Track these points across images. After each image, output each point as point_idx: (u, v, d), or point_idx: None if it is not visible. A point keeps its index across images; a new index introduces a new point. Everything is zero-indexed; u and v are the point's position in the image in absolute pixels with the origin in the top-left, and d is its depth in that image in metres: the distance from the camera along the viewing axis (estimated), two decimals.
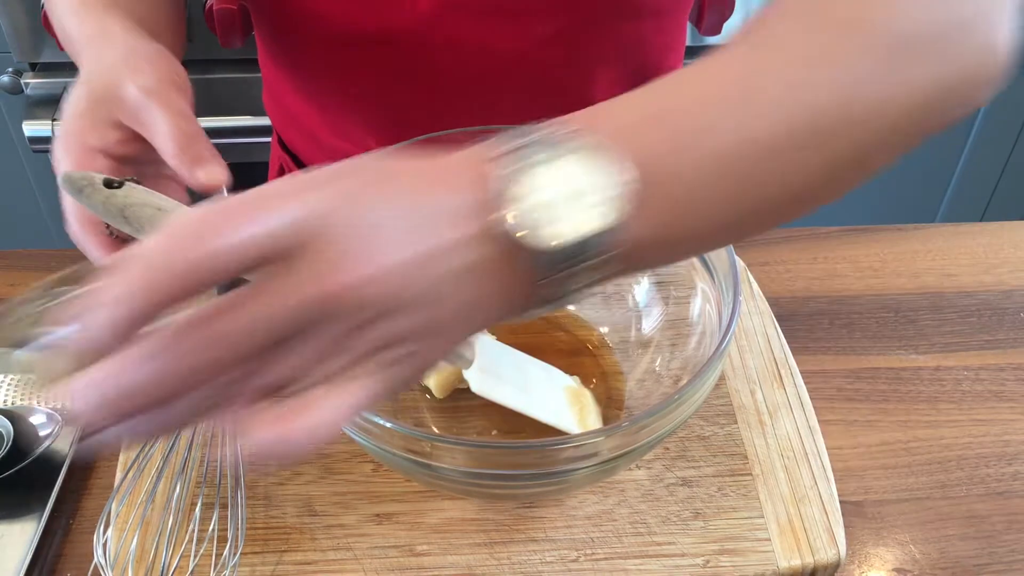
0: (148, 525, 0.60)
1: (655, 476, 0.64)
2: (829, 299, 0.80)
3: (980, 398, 0.72)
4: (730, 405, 0.68)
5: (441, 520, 0.61)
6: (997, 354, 0.75)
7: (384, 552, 0.59)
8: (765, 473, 0.64)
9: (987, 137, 1.60)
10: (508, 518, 0.61)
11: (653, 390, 0.67)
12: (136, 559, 0.58)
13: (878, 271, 0.83)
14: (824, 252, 0.85)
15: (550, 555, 0.60)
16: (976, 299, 0.80)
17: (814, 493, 0.63)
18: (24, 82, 1.36)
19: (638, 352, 0.70)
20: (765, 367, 0.70)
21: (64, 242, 1.74)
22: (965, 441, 0.69)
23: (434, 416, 0.67)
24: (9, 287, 0.80)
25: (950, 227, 0.87)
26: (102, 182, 0.50)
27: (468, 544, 0.60)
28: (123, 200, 0.50)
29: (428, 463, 0.54)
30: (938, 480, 0.67)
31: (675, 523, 0.61)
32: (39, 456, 0.66)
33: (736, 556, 0.59)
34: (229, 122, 1.34)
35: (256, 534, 0.60)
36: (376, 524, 0.61)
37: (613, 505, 0.62)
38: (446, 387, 0.66)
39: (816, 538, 0.60)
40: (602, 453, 0.54)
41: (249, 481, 0.63)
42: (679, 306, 0.69)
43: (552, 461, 0.54)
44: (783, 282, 0.82)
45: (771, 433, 0.66)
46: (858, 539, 0.63)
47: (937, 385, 0.73)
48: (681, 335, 0.68)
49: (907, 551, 0.63)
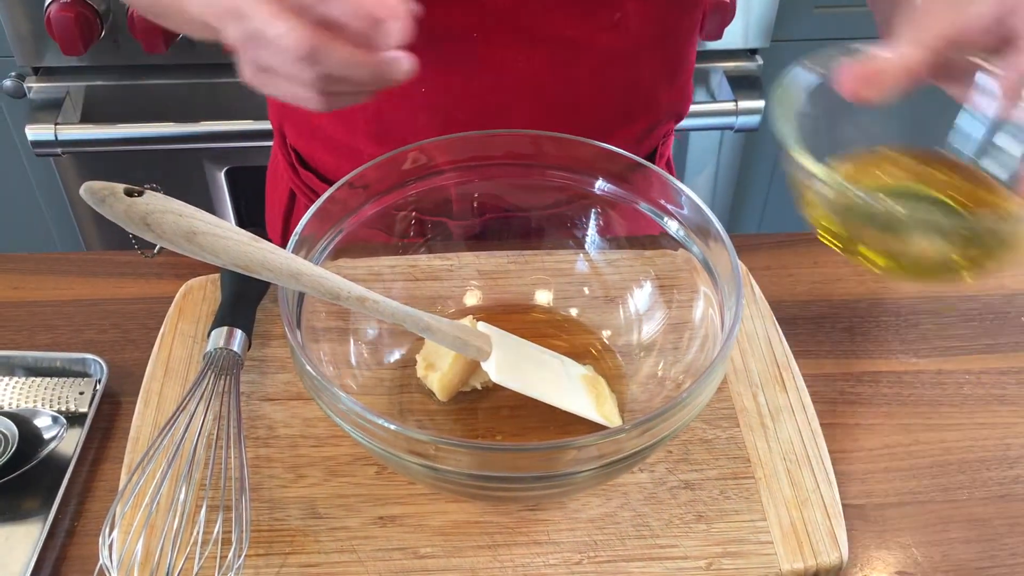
0: (153, 528, 0.60)
1: (658, 479, 0.64)
2: (831, 303, 0.81)
3: (982, 402, 0.72)
4: (732, 408, 0.68)
5: (445, 523, 0.61)
6: (998, 358, 0.76)
7: (388, 554, 0.60)
8: (767, 476, 0.64)
9: None
10: (511, 521, 0.62)
11: (656, 393, 0.67)
12: (141, 561, 0.58)
13: (879, 275, 0.83)
14: (826, 256, 0.85)
15: (553, 558, 0.60)
16: (978, 303, 0.80)
17: (816, 496, 0.63)
18: (27, 86, 1.36)
19: (640, 356, 0.70)
20: (767, 370, 0.71)
21: (66, 246, 1.75)
22: (967, 444, 0.69)
23: (438, 419, 0.67)
24: (12, 290, 0.80)
25: None
26: (123, 191, 0.50)
27: (472, 547, 0.60)
28: (144, 208, 0.50)
29: (432, 465, 0.54)
30: (940, 483, 0.67)
31: (678, 526, 0.61)
32: (44, 458, 0.66)
33: (739, 559, 0.60)
34: (235, 126, 1.34)
35: (260, 537, 0.60)
36: (380, 527, 0.61)
37: (616, 508, 0.62)
38: (450, 390, 0.66)
39: (818, 541, 0.60)
40: (605, 456, 0.54)
41: (253, 484, 0.63)
42: (681, 310, 0.69)
43: (555, 464, 0.54)
44: (785, 286, 0.82)
45: (773, 436, 0.66)
46: (860, 542, 0.64)
47: (939, 389, 0.73)
48: (683, 339, 0.68)
49: (909, 554, 0.63)
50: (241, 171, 1.47)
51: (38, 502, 0.65)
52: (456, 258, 0.76)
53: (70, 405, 0.71)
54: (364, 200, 0.68)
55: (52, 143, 1.34)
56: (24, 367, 0.73)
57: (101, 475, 0.66)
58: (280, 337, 0.73)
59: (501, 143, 0.70)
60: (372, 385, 0.68)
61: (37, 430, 0.68)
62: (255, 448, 0.65)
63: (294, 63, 0.52)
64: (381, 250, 0.73)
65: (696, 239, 0.66)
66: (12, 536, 0.63)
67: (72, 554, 0.62)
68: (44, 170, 1.47)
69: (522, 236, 0.76)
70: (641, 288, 0.73)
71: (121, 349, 0.75)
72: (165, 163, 1.45)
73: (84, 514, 0.64)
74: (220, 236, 0.53)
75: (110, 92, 1.38)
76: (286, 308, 0.59)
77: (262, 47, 0.53)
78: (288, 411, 0.68)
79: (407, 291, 0.74)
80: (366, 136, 0.81)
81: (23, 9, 1.28)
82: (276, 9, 0.52)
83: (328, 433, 0.66)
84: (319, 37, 0.52)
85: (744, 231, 1.69)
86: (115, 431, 0.69)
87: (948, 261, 0.48)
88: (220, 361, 0.66)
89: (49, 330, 0.77)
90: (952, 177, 0.51)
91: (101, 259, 0.84)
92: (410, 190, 0.70)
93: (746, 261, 0.81)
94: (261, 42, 0.53)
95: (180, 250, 0.52)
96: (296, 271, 0.55)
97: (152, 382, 0.69)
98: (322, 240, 0.66)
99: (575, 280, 0.75)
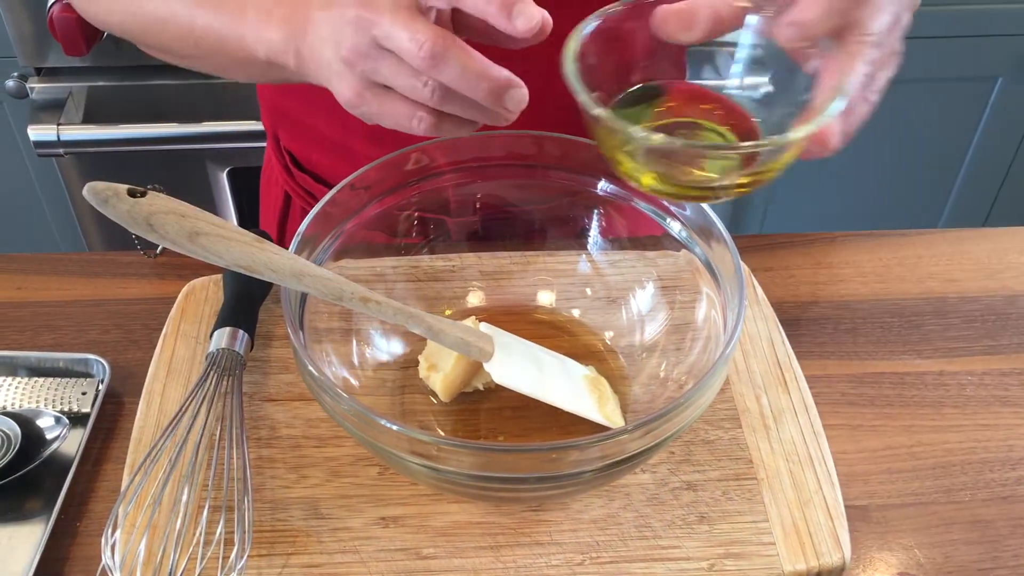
0: (155, 528, 0.60)
1: (660, 480, 0.64)
2: (833, 304, 0.81)
3: (984, 403, 0.72)
4: (735, 409, 0.68)
5: (447, 523, 0.61)
6: (1001, 359, 0.76)
7: (390, 555, 0.60)
8: (770, 477, 0.64)
9: (989, 143, 1.60)
10: (514, 522, 0.62)
11: (658, 394, 0.67)
12: (143, 562, 0.58)
13: (882, 276, 0.83)
14: (828, 257, 0.85)
15: (556, 559, 0.60)
16: (980, 304, 0.80)
17: (819, 497, 0.63)
18: (29, 86, 1.36)
19: (643, 357, 0.70)
20: (769, 371, 0.71)
21: (68, 246, 1.75)
22: (969, 446, 0.69)
23: (440, 420, 0.67)
24: (16, 290, 0.81)
25: (954, 232, 0.88)
26: (126, 192, 0.50)
27: (474, 547, 0.60)
28: (148, 209, 0.50)
29: (435, 466, 0.54)
30: (942, 484, 0.67)
31: (680, 527, 0.61)
32: (47, 459, 0.66)
33: (741, 560, 0.60)
34: (238, 127, 1.34)
35: (263, 537, 0.60)
36: (382, 527, 0.61)
37: (618, 509, 0.62)
38: (452, 391, 0.66)
39: (821, 542, 0.60)
40: (607, 457, 0.54)
41: (256, 484, 0.63)
42: (684, 311, 0.69)
43: (558, 465, 0.54)
44: (787, 287, 0.82)
45: (776, 437, 0.66)
46: (863, 543, 0.64)
47: (941, 390, 0.73)
48: (686, 340, 0.68)
49: (912, 555, 0.63)
50: (243, 171, 1.47)
51: (40, 502, 0.65)
52: (458, 259, 0.76)
53: (73, 405, 0.71)
54: (366, 201, 0.68)
55: (54, 143, 1.34)
56: (27, 367, 0.73)
57: (103, 475, 0.66)
58: (282, 338, 0.73)
59: (502, 144, 0.70)
60: (374, 386, 0.68)
61: (40, 430, 0.68)
62: (257, 449, 0.65)
63: (421, 64, 0.52)
64: (383, 251, 0.73)
65: (698, 240, 0.66)
66: (15, 536, 0.63)
67: (75, 554, 0.62)
68: (46, 170, 1.47)
69: (524, 237, 0.76)
70: (643, 289, 0.73)
71: (124, 349, 0.75)
72: (167, 163, 1.45)
73: (87, 514, 0.64)
74: (223, 237, 0.53)
75: (113, 92, 1.38)
76: (288, 309, 0.59)
77: (384, 57, 0.53)
78: (290, 412, 0.68)
79: (409, 292, 0.74)
80: (361, 137, 0.81)
81: (26, 10, 1.28)
82: (406, 16, 0.52)
83: (330, 434, 0.66)
84: (449, 38, 0.51)
85: (746, 232, 1.69)
86: (117, 431, 0.69)
87: (714, 183, 0.54)
88: (222, 362, 0.66)
89: (52, 330, 0.77)
90: (714, 106, 0.57)
91: (104, 259, 0.84)
92: (412, 191, 0.70)
93: (748, 262, 0.81)
94: (384, 50, 0.53)
95: (183, 251, 0.52)
96: (299, 272, 0.55)
97: (154, 383, 0.70)
98: (324, 241, 0.66)
99: (577, 281, 0.75)
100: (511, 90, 0.54)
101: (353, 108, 0.57)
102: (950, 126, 1.58)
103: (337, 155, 0.85)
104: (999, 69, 1.51)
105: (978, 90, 1.54)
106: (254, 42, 0.60)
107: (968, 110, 1.56)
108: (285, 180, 0.92)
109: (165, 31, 0.67)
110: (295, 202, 0.93)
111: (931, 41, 1.45)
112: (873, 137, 1.57)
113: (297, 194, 0.91)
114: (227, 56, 0.64)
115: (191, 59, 0.68)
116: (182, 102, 1.38)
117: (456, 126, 0.56)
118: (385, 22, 0.52)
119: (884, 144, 1.58)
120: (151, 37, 0.69)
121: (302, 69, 0.59)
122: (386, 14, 0.52)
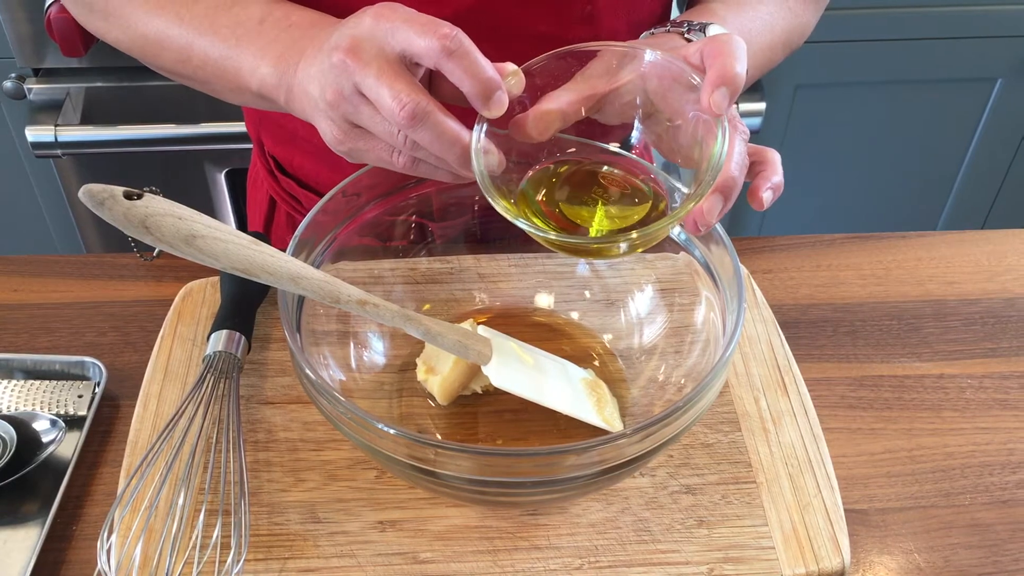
0: (151, 532, 0.60)
1: (659, 484, 0.63)
2: (832, 307, 0.80)
3: (984, 406, 0.72)
4: (734, 413, 0.68)
5: (445, 527, 0.61)
6: (1001, 362, 0.75)
7: (387, 559, 0.59)
8: (769, 481, 0.64)
9: (988, 145, 1.60)
10: (512, 525, 0.61)
11: (657, 398, 0.67)
12: (139, 566, 0.58)
13: (881, 279, 0.83)
14: (827, 260, 0.85)
15: (554, 563, 0.59)
16: (980, 307, 0.80)
17: (818, 501, 0.63)
18: (27, 87, 1.36)
19: (642, 360, 0.70)
20: (769, 375, 0.70)
21: (66, 247, 1.75)
22: (969, 449, 0.69)
23: (438, 423, 0.67)
24: (12, 292, 0.80)
25: (953, 235, 0.87)
26: (122, 194, 0.50)
27: (472, 551, 0.60)
28: (144, 211, 0.50)
29: (432, 470, 0.54)
30: (942, 488, 0.67)
31: (679, 531, 0.61)
32: (42, 462, 0.66)
33: (740, 564, 0.59)
34: (235, 128, 1.34)
35: (260, 541, 0.60)
36: (379, 531, 0.61)
37: (617, 513, 0.62)
38: (450, 394, 0.66)
39: (820, 546, 0.60)
40: (606, 461, 0.54)
41: (252, 488, 0.63)
42: (683, 313, 0.69)
43: (556, 468, 0.54)
44: (787, 290, 0.82)
45: (775, 441, 0.66)
46: (862, 547, 0.63)
47: (941, 393, 0.73)
48: (685, 343, 0.68)
49: (911, 559, 0.63)
50: (241, 173, 1.47)
51: (36, 505, 0.65)
52: (456, 261, 0.76)
53: (69, 408, 0.71)
54: (363, 204, 0.68)
55: (52, 144, 1.34)
56: (23, 370, 0.73)
57: (100, 479, 0.66)
58: (280, 340, 0.73)
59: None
60: (372, 389, 0.68)
61: (36, 433, 0.67)
62: (254, 452, 0.65)
63: (399, 123, 0.53)
64: (381, 253, 0.72)
65: (697, 242, 0.66)
66: (10, 540, 0.63)
67: (70, 558, 0.62)
68: (44, 172, 1.47)
69: (523, 239, 0.75)
70: (642, 292, 0.72)
71: (120, 352, 0.75)
72: (165, 165, 1.45)
73: (82, 518, 0.64)
74: (220, 239, 0.53)
75: (110, 93, 1.38)
76: (286, 311, 0.59)
77: (364, 104, 0.54)
78: (287, 415, 0.68)
79: (407, 294, 0.73)
80: None
81: (23, 11, 1.28)
82: (391, 73, 0.53)
83: (327, 437, 0.66)
84: (429, 102, 0.52)
85: (746, 234, 1.69)
86: (114, 434, 0.69)
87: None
88: (219, 364, 0.66)
89: (48, 333, 0.77)
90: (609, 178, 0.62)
91: (101, 261, 0.84)
92: (409, 193, 0.70)
93: (747, 264, 0.81)
94: (365, 98, 0.54)
95: (179, 253, 0.52)
96: (296, 274, 0.55)
97: (151, 385, 0.69)
98: (322, 243, 0.66)
99: (576, 283, 0.75)
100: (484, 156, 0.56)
101: (336, 146, 0.58)
102: (950, 127, 1.58)
103: (321, 159, 0.85)
104: (999, 70, 1.51)
105: (978, 91, 1.54)
106: (249, 75, 0.62)
107: (968, 111, 1.56)
108: (270, 184, 0.92)
109: (162, 54, 0.68)
110: (280, 206, 0.93)
111: (931, 42, 1.45)
112: (873, 138, 1.57)
113: (282, 198, 0.91)
114: (223, 83, 0.65)
115: (189, 81, 0.70)
116: (180, 103, 1.37)
117: (431, 170, 0.58)
118: (370, 75, 0.53)
119: (884, 145, 1.58)
120: (149, 58, 0.70)
121: (291, 105, 0.61)
122: (372, 66, 0.53)
